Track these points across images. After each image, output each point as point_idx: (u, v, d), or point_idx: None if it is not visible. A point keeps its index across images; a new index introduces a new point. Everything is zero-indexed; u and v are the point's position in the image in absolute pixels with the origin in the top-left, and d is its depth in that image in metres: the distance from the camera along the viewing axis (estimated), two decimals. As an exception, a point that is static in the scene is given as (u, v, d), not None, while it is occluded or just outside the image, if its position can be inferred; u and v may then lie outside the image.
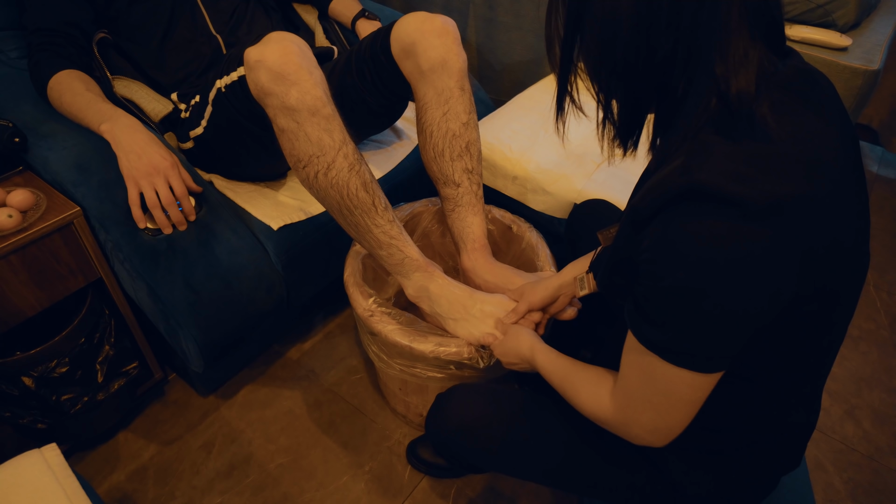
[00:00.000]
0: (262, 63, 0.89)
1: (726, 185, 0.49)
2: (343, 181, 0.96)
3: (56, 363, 1.06)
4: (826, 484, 1.25)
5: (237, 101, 1.03)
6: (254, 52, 0.91)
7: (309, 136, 0.93)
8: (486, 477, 1.24)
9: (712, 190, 0.49)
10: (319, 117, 0.92)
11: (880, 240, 1.89)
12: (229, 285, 1.10)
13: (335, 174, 0.95)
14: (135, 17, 1.21)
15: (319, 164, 0.95)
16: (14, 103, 1.13)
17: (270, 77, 0.90)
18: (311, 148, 0.94)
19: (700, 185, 0.50)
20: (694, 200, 0.51)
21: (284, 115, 0.92)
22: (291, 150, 0.95)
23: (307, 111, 0.91)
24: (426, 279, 1.04)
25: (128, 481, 1.22)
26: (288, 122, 0.92)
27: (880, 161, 2.24)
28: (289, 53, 0.90)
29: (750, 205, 0.49)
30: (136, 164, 1.01)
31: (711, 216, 0.50)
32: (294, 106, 0.91)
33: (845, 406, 1.40)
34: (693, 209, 0.51)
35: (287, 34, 0.94)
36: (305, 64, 0.91)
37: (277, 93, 0.90)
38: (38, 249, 0.99)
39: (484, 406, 0.88)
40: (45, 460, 0.81)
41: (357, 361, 1.46)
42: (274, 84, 0.90)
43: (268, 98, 0.92)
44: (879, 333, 1.58)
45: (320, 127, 0.93)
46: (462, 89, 1.06)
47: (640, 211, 0.56)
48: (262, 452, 1.27)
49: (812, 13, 1.50)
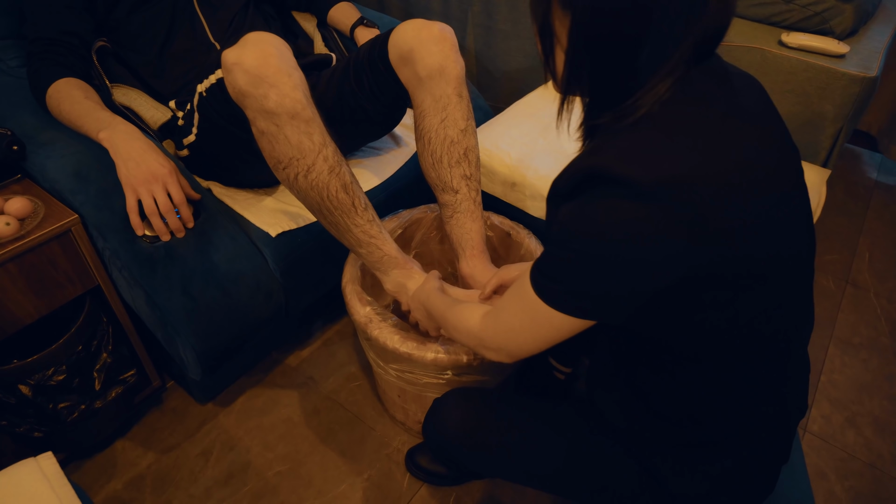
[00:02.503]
0: (240, 65, 0.88)
1: (617, 167, 0.56)
2: (323, 183, 0.96)
3: (53, 371, 1.06)
4: (827, 492, 1.24)
5: (217, 104, 1.01)
6: (231, 54, 0.89)
7: (289, 138, 0.92)
8: (486, 485, 1.23)
9: (606, 171, 0.57)
10: (299, 120, 0.92)
11: (880, 247, 1.89)
12: (227, 293, 1.09)
13: (315, 176, 0.95)
14: (134, 26, 1.22)
15: (299, 167, 0.94)
16: (13, 111, 1.13)
17: (248, 80, 0.88)
18: (290, 150, 0.93)
19: (596, 168, 0.58)
20: (594, 180, 0.58)
21: (263, 117, 0.91)
22: (271, 152, 0.95)
23: (286, 114, 0.91)
24: (404, 276, 1.07)
25: (125, 490, 1.21)
26: (267, 125, 0.92)
27: (879, 168, 2.24)
28: (267, 56, 0.89)
29: (637, 184, 0.55)
30: (135, 172, 1.01)
31: (606, 194, 0.57)
32: (273, 109, 0.90)
33: (846, 413, 1.39)
34: (593, 187, 0.58)
35: (265, 35, 0.92)
36: (284, 66, 0.90)
37: (256, 95, 0.89)
38: (36, 257, 0.99)
39: (480, 410, 0.89)
40: (41, 469, 0.80)
41: (356, 369, 1.45)
42: (252, 87, 0.89)
43: (246, 100, 0.91)
44: (880, 340, 1.58)
45: (300, 130, 0.92)
46: (460, 96, 1.07)
47: (559, 190, 0.65)
48: (260, 460, 1.26)
49: (809, 20, 1.50)
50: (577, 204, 0.59)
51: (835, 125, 1.46)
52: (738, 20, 1.62)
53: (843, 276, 1.77)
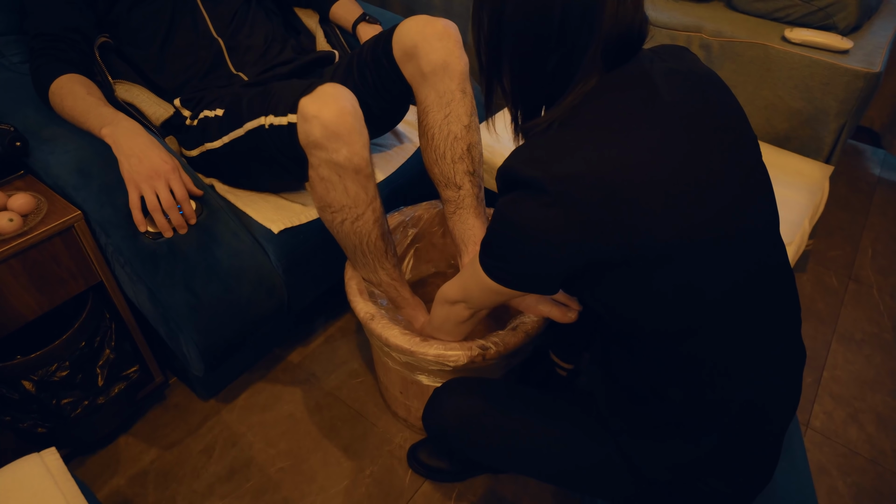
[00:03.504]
0: (318, 119, 0.92)
1: (522, 168, 0.64)
2: (366, 231, 1.05)
3: (56, 367, 1.06)
4: (830, 488, 1.24)
5: (280, 142, 1.03)
6: (310, 105, 0.93)
7: (347, 189, 0.99)
8: (488, 480, 1.24)
9: (512, 172, 0.66)
10: (361, 175, 0.99)
11: (883, 243, 1.88)
12: (230, 289, 1.09)
13: (361, 224, 1.04)
14: (136, 22, 1.21)
15: (349, 214, 1.02)
16: (16, 108, 1.13)
17: (324, 133, 0.93)
18: (346, 200, 1.00)
19: (510, 171, 0.66)
20: (510, 181, 0.67)
21: (329, 168, 0.97)
22: (325, 196, 1.01)
23: (353, 169, 0.97)
24: (411, 316, 1.17)
25: (128, 486, 1.21)
26: (330, 174, 0.98)
27: (882, 164, 2.24)
28: (344, 113, 0.93)
29: (538, 182, 0.62)
30: (138, 168, 1.01)
31: (519, 195, 0.65)
32: (341, 163, 0.96)
33: (848, 409, 1.39)
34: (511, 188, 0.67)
35: (341, 90, 0.96)
36: (357, 125, 0.95)
37: (328, 148, 0.94)
38: (39, 253, 0.99)
39: (480, 397, 0.91)
40: (45, 464, 0.80)
41: (358, 365, 1.45)
42: (326, 140, 0.94)
43: (316, 150, 0.96)
44: (882, 337, 1.58)
45: (359, 184, 0.99)
46: (464, 92, 1.06)
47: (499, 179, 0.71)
48: (262, 456, 1.27)
49: (813, 16, 1.50)
50: (501, 201, 0.68)
51: (838, 121, 1.45)
52: (741, 16, 1.62)
53: (846, 272, 1.77)
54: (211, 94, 1.22)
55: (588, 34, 0.63)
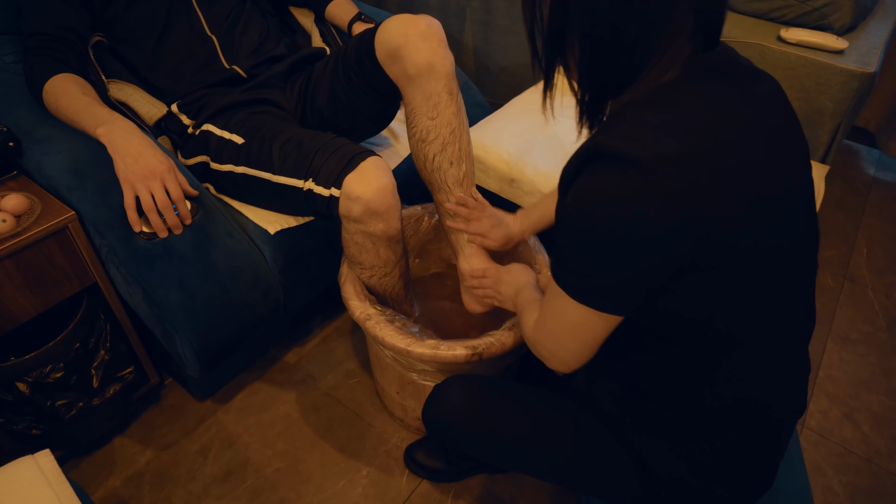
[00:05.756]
0: (362, 200, 0.98)
1: (620, 145, 0.58)
2: (392, 284, 1.14)
3: (51, 368, 1.06)
4: (825, 487, 1.25)
5: (315, 205, 1.04)
6: (356, 185, 0.97)
7: (379, 253, 1.07)
8: (484, 480, 1.23)
9: (609, 150, 0.59)
10: (393, 242, 1.06)
11: (878, 243, 1.89)
12: (225, 289, 1.09)
13: (388, 280, 1.13)
14: (131, 21, 1.21)
15: (377, 272, 1.11)
16: (9, 108, 1.12)
17: (364, 211, 0.99)
18: (376, 261, 1.09)
19: (600, 147, 0.60)
20: (598, 159, 0.60)
21: (364, 236, 1.04)
22: (357, 255, 1.08)
23: (387, 239, 1.05)
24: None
25: (123, 487, 1.21)
26: (364, 241, 1.05)
27: (877, 164, 2.24)
28: (385, 192, 0.99)
29: (637, 160, 0.56)
30: (133, 168, 1.00)
31: (608, 169, 0.58)
32: (377, 234, 1.03)
33: (844, 409, 1.40)
34: (597, 165, 0.60)
35: (382, 166, 1.01)
36: (395, 201, 1.01)
37: (366, 222, 1.01)
38: (33, 254, 0.99)
39: (480, 392, 0.90)
40: (39, 466, 0.80)
41: (354, 365, 1.45)
42: (365, 216, 1.00)
43: (354, 224, 1.02)
44: (877, 336, 1.58)
45: (391, 248, 1.07)
46: (450, 93, 1.04)
47: (566, 172, 0.65)
48: (258, 457, 1.26)
49: (808, 16, 1.50)
50: (581, 179, 0.61)
51: (833, 121, 1.46)
52: (736, 16, 1.62)
53: (841, 272, 1.77)
54: (212, 100, 1.21)
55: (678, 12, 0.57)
